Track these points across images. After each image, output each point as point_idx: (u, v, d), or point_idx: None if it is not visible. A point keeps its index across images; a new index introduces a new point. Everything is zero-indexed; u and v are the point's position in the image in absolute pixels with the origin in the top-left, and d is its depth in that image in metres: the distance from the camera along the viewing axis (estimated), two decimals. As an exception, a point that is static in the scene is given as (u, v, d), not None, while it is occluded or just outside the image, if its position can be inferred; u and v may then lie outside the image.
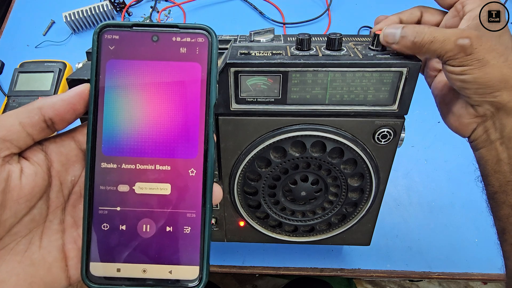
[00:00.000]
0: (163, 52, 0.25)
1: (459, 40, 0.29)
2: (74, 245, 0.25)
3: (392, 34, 0.33)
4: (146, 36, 0.24)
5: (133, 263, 0.25)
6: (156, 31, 0.25)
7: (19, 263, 0.24)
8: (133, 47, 0.25)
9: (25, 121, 0.23)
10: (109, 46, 0.24)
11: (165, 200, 0.25)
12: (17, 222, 0.23)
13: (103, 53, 0.24)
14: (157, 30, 0.25)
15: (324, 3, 0.83)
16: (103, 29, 0.24)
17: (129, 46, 0.24)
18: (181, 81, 0.25)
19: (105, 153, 0.25)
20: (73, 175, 0.26)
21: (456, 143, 0.64)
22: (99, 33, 0.24)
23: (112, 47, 0.24)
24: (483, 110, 0.32)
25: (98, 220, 0.25)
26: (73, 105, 0.24)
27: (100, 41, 0.24)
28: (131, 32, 0.24)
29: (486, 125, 0.32)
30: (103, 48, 0.24)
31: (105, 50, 0.24)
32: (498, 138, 0.32)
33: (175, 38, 0.25)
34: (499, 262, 0.35)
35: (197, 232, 0.25)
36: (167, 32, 0.25)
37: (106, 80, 0.25)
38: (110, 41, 0.24)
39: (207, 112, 0.25)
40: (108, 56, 0.24)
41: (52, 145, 0.25)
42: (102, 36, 0.24)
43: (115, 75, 0.25)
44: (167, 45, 0.25)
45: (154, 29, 0.25)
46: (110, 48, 0.24)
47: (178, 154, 0.25)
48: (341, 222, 0.45)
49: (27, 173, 0.23)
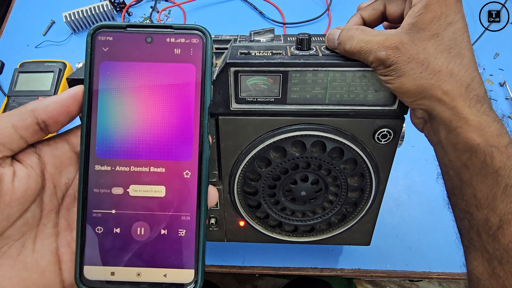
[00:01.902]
0: (157, 53, 0.24)
1: (377, 53, 0.29)
2: (68, 249, 0.25)
3: (332, 39, 0.33)
4: (140, 37, 0.24)
5: (128, 266, 0.25)
6: (150, 32, 0.24)
7: (12, 267, 0.23)
8: (127, 49, 0.24)
9: (18, 123, 0.23)
10: (103, 48, 0.24)
11: (160, 203, 0.25)
12: (9, 226, 0.23)
13: (97, 54, 0.24)
14: (151, 31, 0.24)
15: (324, 3, 0.83)
16: (97, 31, 0.24)
17: (123, 47, 0.24)
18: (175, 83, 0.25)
19: (99, 156, 0.25)
20: (67, 178, 0.26)
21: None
22: (92, 35, 0.24)
23: (106, 48, 0.24)
24: (420, 114, 0.32)
25: (92, 223, 0.25)
26: (67, 107, 0.24)
27: (93, 42, 0.24)
28: (125, 33, 0.24)
29: (427, 127, 0.32)
30: (96, 49, 0.24)
31: (99, 51, 0.24)
32: (438, 142, 0.31)
33: (169, 39, 0.24)
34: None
35: (192, 235, 0.25)
36: (161, 33, 0.24)
37: (100, 82, 0.24)
38: (104, 42, 0.24)
39: (201, 114, 0.25)
40: (102, 58, 0.24)
41: (46, 148, 0.25)
42: (96, 37, 0.24)
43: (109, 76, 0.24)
44: (161, 46, 0.24)
45: (148, 30, 0.24)
46: (104, 50, 0.24)
47: (173, 156, 0.25)
48: (341, 222, 0.45)
49: (20, 176, 0.23)
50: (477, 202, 0.29)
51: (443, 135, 0.30)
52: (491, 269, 0.29)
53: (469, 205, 0.30)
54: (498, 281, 0.29)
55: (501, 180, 0.28)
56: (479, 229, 0.30)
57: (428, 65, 0.28)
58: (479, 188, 0.29)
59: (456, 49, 0.29)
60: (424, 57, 0.28)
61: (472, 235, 0.31)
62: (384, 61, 0.29)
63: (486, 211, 0.29)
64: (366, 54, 0.30)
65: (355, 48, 0.30)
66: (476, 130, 0.28)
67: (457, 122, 0.29)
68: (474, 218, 0.30)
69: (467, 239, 0.32)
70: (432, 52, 0.28)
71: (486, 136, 0.28)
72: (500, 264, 0.28)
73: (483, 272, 0.30)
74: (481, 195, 0.29)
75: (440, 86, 0.28)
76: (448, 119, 0.29)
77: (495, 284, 0.29)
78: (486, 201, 0.29)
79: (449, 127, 0.29)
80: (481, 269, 0.30)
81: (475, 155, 0.29)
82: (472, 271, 0.31)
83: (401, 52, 0.28)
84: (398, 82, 0.29)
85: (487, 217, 0.29)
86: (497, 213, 0.28)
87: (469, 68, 0.29)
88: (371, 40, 0.30)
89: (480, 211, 0.29)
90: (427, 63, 0.28)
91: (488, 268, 0.29)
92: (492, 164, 0.28)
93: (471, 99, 0.28)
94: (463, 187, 0.30)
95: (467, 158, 0.29)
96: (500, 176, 0.28)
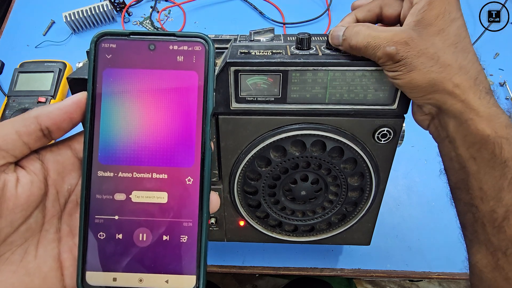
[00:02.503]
0: (160, 60, 0.25)
1: (386, 48, 0.29)
2: (70, 254, 0.25)
3: (336, 36, 0.33)
4: (143, 44, 0.24)
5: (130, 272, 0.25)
6: (153, 40, 0.24)
7: (14, 273, 0.23)
8: (130, 56, 0.24)
9: (21, 130, 0.23)
10: (106, 55, 0.24)
11: (162, 209, 0.25)
12: (12, 232, 0.23)
13: (100, 61, 0.24)
14: (154, 39, 0.25)
15: (324, 3, 0.83)
16: (100, 38, 0.24)
17: (126, 54, 0.24)
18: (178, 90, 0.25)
19: (102, 162, 0.25)
20: (70, 184, 0.26)
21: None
22: (96, 42, 0.24)
23: (109, 55, 0.24)
24: (428, 109, 0.32)
25: (94, 229, 0.25)
26: (70, 114, 0.24)
27: (97, 49, 0.24)
28: (128, 40, 0.24)
29: (435, 123, 0.32)
30: (100, 56, 0.24)
31: (102, 58, 0.24)
32: (446, 136, 0.32)
33: (172, 46, 0.25)
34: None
35: (194, 241, 0.25)
36: (164, 40, 0.25)
37: (103, 88, 0.25)
38: (107, 49, 0.24)
39: (204, 121, 0.25)
40: (105, 65, 0.24)
41: (49, 154, 0.25)
42: (99, 44, 0.24)
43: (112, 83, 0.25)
44: (164, 54, 0.25)
45: (151, 38, 0.24)
46: (107, 57, 0.24)
47: (175, 162, 0.25)
48: (341, 222, 0.44)
49: (23, 182, 0.23)
50: (483, 194, 0.30)
51: (453, 128, 0.30)
52: (494, 261, 0.29)
53: (474, 198, 0.30)
54: (502, 273, 0.29)
55: (509, 171, 0.28)
56: (483, 221, 0.30)
57: (438, 59, 0.29)
58: (485, 180, 0.29)
59: (462, 44, 0.29)
60: (433, 51, 0.29)
61: (477, 228, 0.31)
62: (393, 56, 0.29)
63: (492, 202, 0.29)
64: (374, 50, 0.30)
65: (361, 43, 0.30)
66: (486, 121, 0.29)
67: (468, 114, 0.29)
68: (479, 211, 0.30)
69: (471, 232, 0.32)
70: (440, 47, 0.29)
71: (496, 127, 0.28)
72: (504, 256, 0.29)
73: (487, 264, 0.30)
74: (487, 187, 0.29)
75: (451, 79, 0.29)
76: (459, 111, 0.29)
77: (498, 276, 0.29)
78: (492, 193, 0.29)
79: (459, 120, 0.30)
80: (485, 262, 0.30)
81: (484, 146, 0.29)
82: (475, 265, 0.31)
83: (411, 47, 0.29)
84: (408, 77, 0.29)
85: (492, 208, 0.29)
86: (503, 204, 0.29)
87: (475, 62, 0.30)
88: (379, 36, 0.30)
89: (485, 203, 0.30)
90: (437, 57, 0.29)
91: (492, 260, 0.30)
92: (500, 155, 0.28)
93: (480, 91, 0.29)
94: (469, 180, 0.31)
95: (475, 150, 0.29)
96: (507, 167, 0.28)
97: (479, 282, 0.31)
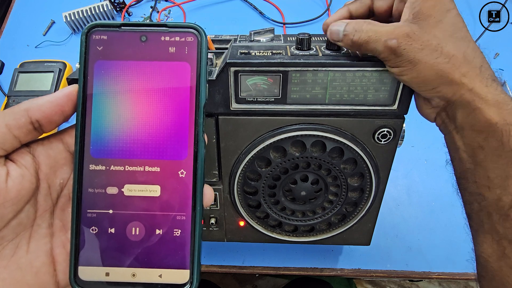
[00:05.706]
0: (152, 52, 0.24)
1: (387, 41, 0.29)
2: (62, 249, 0.25)
3: (336, 32, 0.32)
4: (134, 36, 0.24)
5: (122, 267, 0.25)
6: (145, 31, 0.24)
7: (5, 268, 0.23)
8: (121, 48, 0.24)
9: (11, 123, 0.22)
10: (97, 47, 0.24)
11: (155, 202, 0.25)
12: (3, 226, 0.23)
13: (91, 54, 0.24)
14: (145, 30, 0.24)
15: (324, 3, 0.83)
16: (91, 30, 0.24)
17: (118, 46, 0.24)
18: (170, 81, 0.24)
19: (94, 155, 0.25)
20: (62, 178, 0.25)
21: (456, 143, 0.64)
22: (87, 34, 0.24)
23: (100, 47, 0.24)
24: (436, 103, 0.32)
25: (86, 224, 0.25)
26: (61, 107, 0.24)
27: (88, 41, 0.24)
28: (119, 32, 0.24)
29: (442, 115, 0.32)
30: (91, 48, 0.24)
31: (93, 50, 0.24)
32: (454, 128, 0.32)
33: (164, 37, 0.24)
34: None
35: (188, 235, 0.25)
36: (156, 31, 0.24)
37: (95, 81, 0.24)
38: (98, 41, 0.24)
39: (197, 113, 0.25)
40: (96, 57, 0.24)
41: (40, 148, 0.25)
42: (90, 36, 0.24)
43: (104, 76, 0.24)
44: (156, 45, 0.24)
45: (142, 29, 0.24)
46: (98, 49, 0.24)
47: (168, 155, 0.25)
48: (341, 222, 0.45)
49: (14, 176, 0.23)
50: (490, 183, 0.30)
51: (461, 118, 0.30)
52: (500, 250, 0.29)
53: (480, 187, 0.30)
54: (507, 262, 0.29)
55: None
56: (490, 210, 0.30)
57: (442, 50, 0.29)
58: (492, 168, 0.29)
59: (460, 34, 0.29)
60: (436, 42, 0.29)
61: (482, 217, 0.31)
62: (395, 50, 0.29)
63: (498, 191, 0.29)
64: (375, 44, 0.30)
65: (362, 38, 0.30)
66: (495, 108, 0.28)
67: (477, 102, 0.29)
68: (486, 199, 0.30)
69: (476, 222, 0.32)
70: (441, 38, 0.29)
71: (504, 114, 0.28)
72: (510, 244, 0.29)
73: (492, 254, 0.30)
74: (494, 175, 0.29)
75: (458, 69, 0.29)
76: (467, 101, 0.29)
77: (504, 265, 0.29)
78: (499, 181, 0.29)
79: (468, 109, 0.29)
80: (490, 251, 0.30)
81: (492, 134, 0.29)
82: (480, 254, 0.31)
83: (413, 39, 0.28)
84: (414, 71, 0.29)
85: (499, 197, 0.29)
86: (509, 192, 0.29)
87: (477, 51, 0.29)
88: (380, 30, 0.29)
89: (492, 191, 0.30)
90: (440, 48, 0.29)
91: (498, 249, 0.30)
92: (508, 143, 0.28)
93: (487, 79, 0.29)
94: (476, 169, 0.30)
95: (483, 139, 0.29)
96: None
97: (485, 272, 0.31)
